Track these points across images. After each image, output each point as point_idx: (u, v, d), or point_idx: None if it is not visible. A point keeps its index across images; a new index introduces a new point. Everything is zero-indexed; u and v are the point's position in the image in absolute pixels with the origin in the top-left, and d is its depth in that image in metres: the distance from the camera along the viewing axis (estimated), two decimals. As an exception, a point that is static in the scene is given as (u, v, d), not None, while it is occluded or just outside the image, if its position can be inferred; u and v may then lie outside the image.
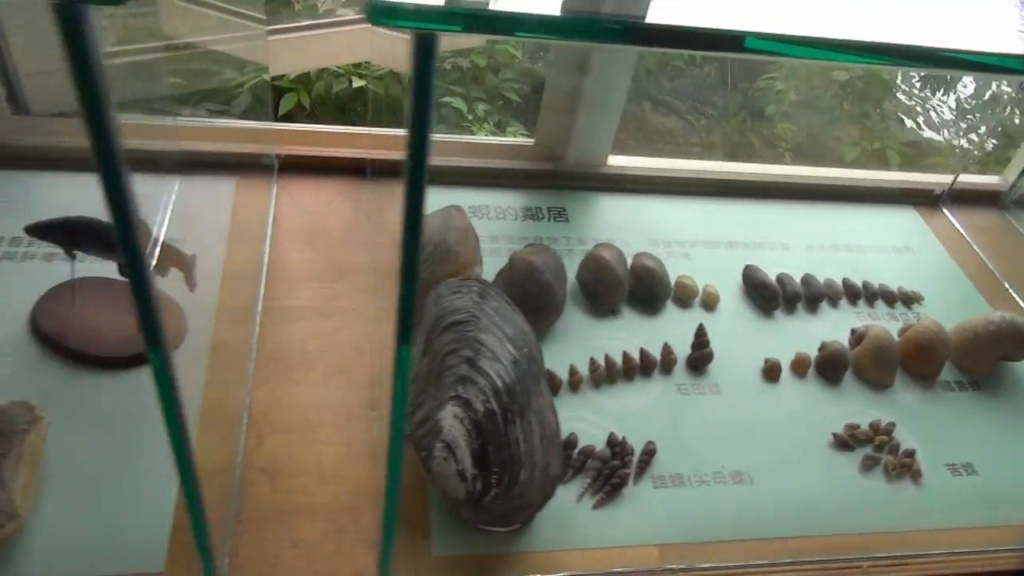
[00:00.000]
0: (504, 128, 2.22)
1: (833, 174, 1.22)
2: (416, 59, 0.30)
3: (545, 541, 0.70)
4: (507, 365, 0.71)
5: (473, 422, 0.67)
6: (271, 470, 0.71)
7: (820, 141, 3.13)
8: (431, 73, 0.32)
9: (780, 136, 3.25)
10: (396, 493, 0.57)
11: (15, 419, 0.65)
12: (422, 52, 0.30)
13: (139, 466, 0.68)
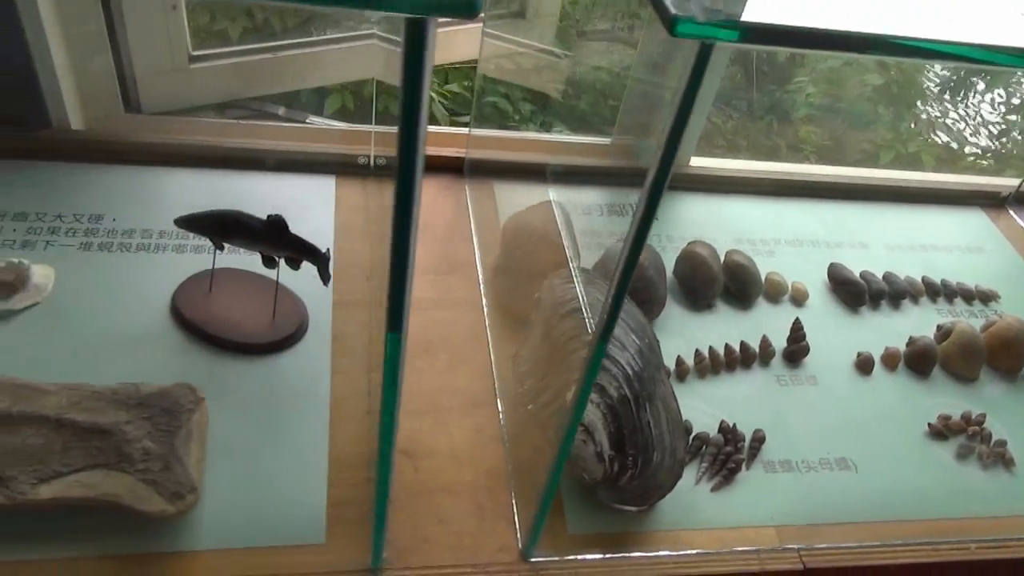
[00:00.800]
0: (549, 128, 2.26)
1: (903, 176, 1.25)
2: (695, 66, 0.34)
3: (670, 521, 0.73)
4: (634, 354, 0.75)
5: (608, 407, 0.71)
6: (411, 452, 0.74)
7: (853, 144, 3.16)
8: (700, 81, 0.35)
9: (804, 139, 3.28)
10: (559, 473, 0.61)
11: (181, 400, 0.69)
12: (700, 60, 0.34)
13: (287, 445, 0.72)
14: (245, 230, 0.77)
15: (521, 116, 2.19)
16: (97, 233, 0.88)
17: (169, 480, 0.63)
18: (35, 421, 0.64)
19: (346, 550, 0.66)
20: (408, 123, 0.36)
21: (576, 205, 1.08)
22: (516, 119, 2.17)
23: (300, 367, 0.79)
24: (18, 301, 0.78)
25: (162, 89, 1.05)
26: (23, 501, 0.60)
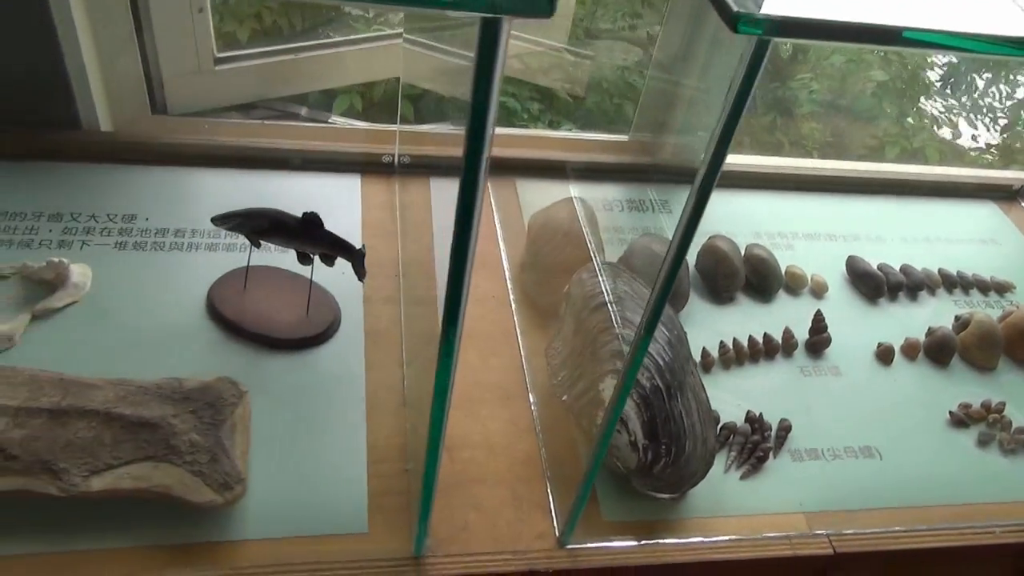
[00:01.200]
0: (557, 127, 2.27)
1: (916, 171, 1.27)
2: (751, 62, 0.36)
3: (701, 508, 0.75)
4: (664, 345, 0.77)
5: (642, 396, 0.72)
6: (447, 444, 0.75)
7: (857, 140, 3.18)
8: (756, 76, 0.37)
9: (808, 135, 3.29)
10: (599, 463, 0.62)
11: (224, 393, 0.70)
12: (757, 56, 0.35)
13: (326, 437, 0.74)
14: (281, 227, 0.78)
15: (529, 115, 2.20)
16: (131, 233, 0.89)
17: (216, 471, 0.65)
18: (85, 415, 0.66)
19: (388, 539, 0.67)
20: (477, 122, 0.38)
21: (597, 201, 1.10)
22: (524, 118, 2.18)
23: (335, 362, 0.81)
24: (58, 299, 0.79)
25: (188, 91, 1.07)
26: (76, 493, 0.62)
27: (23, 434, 0.63)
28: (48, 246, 0.86)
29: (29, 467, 0.62)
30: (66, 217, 0.89)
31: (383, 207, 1.01)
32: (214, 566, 0.63)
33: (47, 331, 0.78)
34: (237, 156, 1.01)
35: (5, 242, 0.85)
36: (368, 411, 0.77)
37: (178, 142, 1.00)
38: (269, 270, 0.87)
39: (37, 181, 0.93)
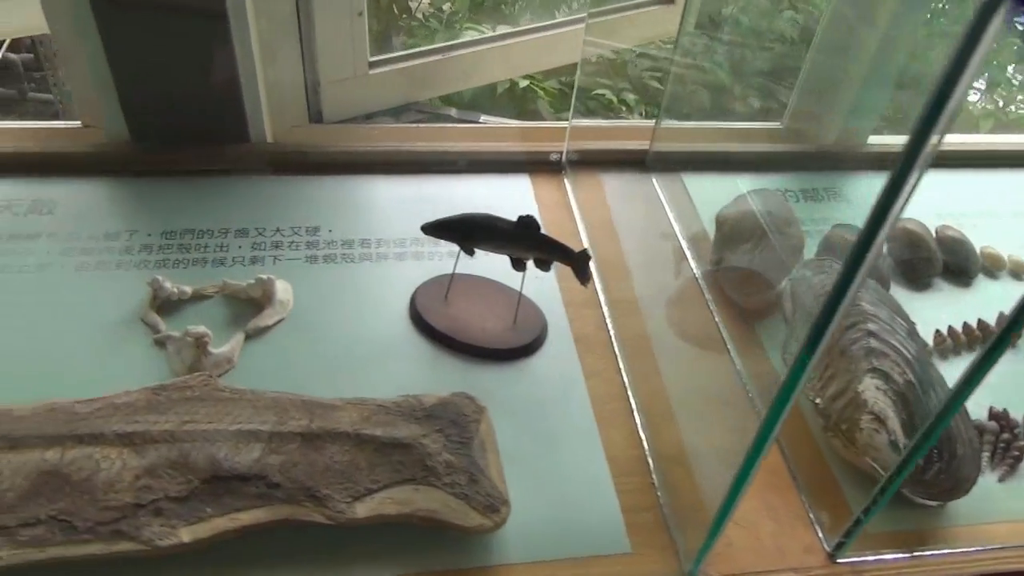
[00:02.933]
0: (651, 117, 2.22)
1: (1090, 142, 1.20)
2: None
3: (964, 515, 0.70)
4: (904, 337, 0.72)
5: (896, 393, 0.68)
6: (679, 458, 0.72)
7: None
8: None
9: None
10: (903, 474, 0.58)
11: (464, 410, 0.67)
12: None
13: (564, 451, 0.70)
14: (496, 232, 0.75)
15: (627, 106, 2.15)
16: (318, 245, 0.87)
17: (479, 493, 0.62)
18: (337, 438, 0.63)
19: (652, 558, 0.64)
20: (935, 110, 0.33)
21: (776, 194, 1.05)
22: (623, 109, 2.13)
23: (551, 371, 0.77)
24: (267, 317, 0.77)
25: (343, 96, 1.04)
26: (344, 520, 0.59)
27: (281, 460, 0.61)
28: (241, 263, 0.84)
29: (292, 495, 0.60)
30: (252, 232, 0.87)
31: (558, 207, 0.97)
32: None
33: (260, 350, 0.75)
34: (403, 161, 0.99)
35: (200, 260, 0.83)
36: (598, 422, 0.73)
37: (343, 149, 0.98)
38: (464, 277, 0.84)
39: (216, 196, 0.91)
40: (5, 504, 0.56)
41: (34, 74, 2.31)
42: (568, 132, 1.01)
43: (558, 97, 2.23)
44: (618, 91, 2.20)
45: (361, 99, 1.06)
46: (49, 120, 1.01)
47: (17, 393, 0.68)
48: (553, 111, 2.14)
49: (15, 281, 0.78)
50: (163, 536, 0.56)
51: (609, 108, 2.15)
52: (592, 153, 1.03)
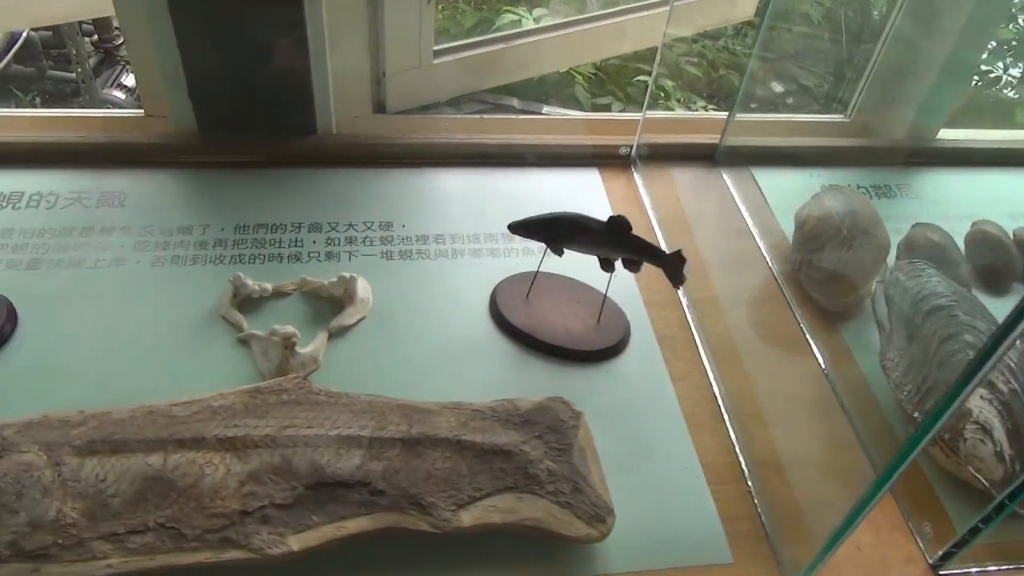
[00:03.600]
0: (688, 104, 2.19)
1: None
2: None
3: (1063, 526, 0.69)
4: (1009, 349, 0.70)
5: (1001, 403, 0.66)
6: (775, 464, 0.70)
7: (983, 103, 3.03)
8: None
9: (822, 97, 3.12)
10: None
11: (561, 415, 0.66)
12: None
13: (657, 457, 0.69)
14: (586, 233, 0.73)
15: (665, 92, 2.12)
16: (392, 241, 0.85)
17: (583, 502, 0.60)
18: (437, 444, 0.62)
19: (754, 570, 0.62)
20: None
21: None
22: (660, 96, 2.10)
23: (636, 373, 0.76)
24: (349, 316, 0.76)
25: (407, 86, 1.02)
26: (449, 529, 0.58)
27: (383, 466, 0.60)
28: (317, 259, 0.82)
29: (396, 502, 0.59)
30: (325, 227, 0.86)
31: (628, 202, 0.96)
32: (588, 603, 0.59)
33: (343, 349, 0.74)
34: (471, 153, 0.97)
35: (275, 256, 0.82)
36: (689, 427, 0.72)
37: (410, 141, 0.96)
38: (543, 276, 0.82)
39: (285, 189, 0.89)
40: (112, 511, 0.55)
41: (52, 51, 2.29)
42: (641, 125, 0.99)
43: (593, 82, 2.20)
44: (656, 77, 2.17)
45: (424, 89, 1.04)
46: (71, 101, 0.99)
47: (102, 391, 0.67)
48: (590, 96, 2.11)
49: (92, 276, 0.77)
50: (272, 544, 0.55)
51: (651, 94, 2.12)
52: (661, 147, 1.01)
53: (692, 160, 1.03)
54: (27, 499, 0.54)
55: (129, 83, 2.25)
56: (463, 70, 1.06)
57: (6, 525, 0.53)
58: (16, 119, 0.93)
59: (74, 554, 0.53)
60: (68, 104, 2.19)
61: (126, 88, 2.23)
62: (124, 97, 2.18)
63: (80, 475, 0.56)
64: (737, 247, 0.92)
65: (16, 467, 0.55)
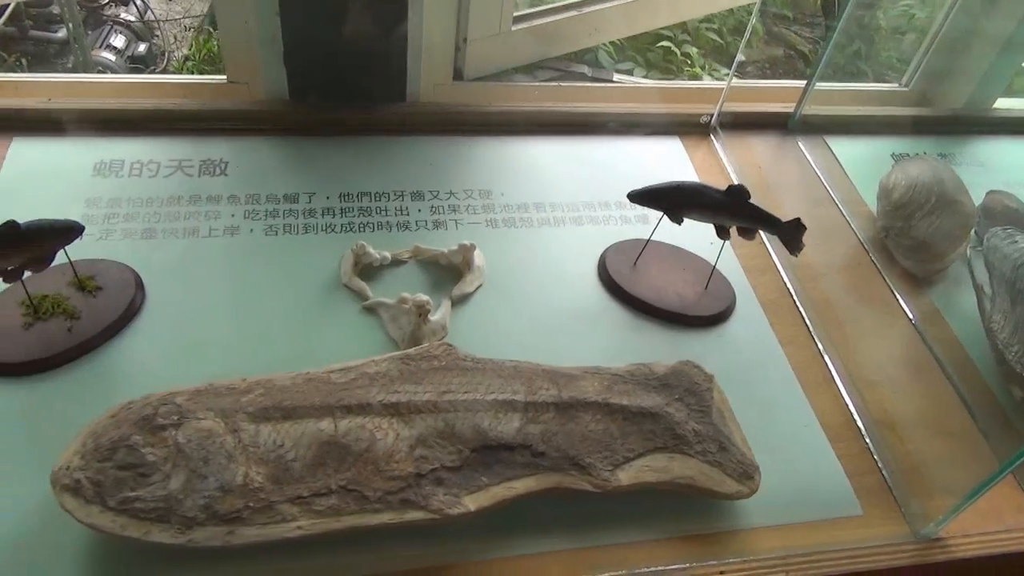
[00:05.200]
0: (709, 70, 2.20)
1: None
2: None
3: None
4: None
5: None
6: (888, 423, 0.74)
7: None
8: None
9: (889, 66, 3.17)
10: None
11: (695, 379, 0.68)
12: None
13: (779, 418, 0.72)
14: (704, 201, 0.75)
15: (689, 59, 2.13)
16: (494, 209, 0.86)
17: (730, 460, 0.63)
18: (588, 407, 0.64)
19: (882, 520, 0.66)
20: None
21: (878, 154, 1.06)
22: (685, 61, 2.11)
23: (746, 337, 0.79)
24: (469, 283, 0.77)
25: (485, 53, 1.02)
26: (610, 488, 0.60)
27: (540, 429, 0.62)
28: (425, 227, 0.83)
29: (558, 463, 0.61)
30: (427, 195, 0.86)
31: (712, 170, 0.97)
32: (734, 554, 0.62)
33: (464, 316, 0.75)
34: (555, 121, 0.97)
35: (384, 224, 0.82)
36: (803, 388, 0.75)
37: (496, 110, 0.96)
38: (665, 246, 0.84)
39: (379, 156, 0.89)
40: (294, 475, 0.56)
41: (32, 11, 2.22)
42: (725, 93, 1.00)
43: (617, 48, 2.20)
44: (679, 43, 2.17)
45: (501, 56, 1.04)
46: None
47: (234, 360, 0.68)
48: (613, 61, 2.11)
49: (209, 245, 0.77)
50: (451, 505, 0.57)
51: (671, 60, 2.13)
52: (737, 115, 1.02)
53: (766, 128, 1.05)
54: (214, 464, 0.55)
55: (118, 44, 2.17)
56: (537, 37, 1.06)
57: (198, 490, 0.54)
58: (97, 85, 0.91)
59: (265, 517, 0.54)
60: (53, 66, 2.11)
61: (116, 49, 2.16)
62: (114, 59, 2.11)
63: (258, 440, 0.57)
64: (822, 214, 0.95)
65: (198, 434, 0.56)
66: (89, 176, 0.81)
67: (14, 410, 0.62)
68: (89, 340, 0.66)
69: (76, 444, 0.55)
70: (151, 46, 2.26)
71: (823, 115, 1.05)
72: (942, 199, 0.87)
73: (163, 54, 2.33)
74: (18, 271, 0.63)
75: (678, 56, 2.12)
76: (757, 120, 1.04)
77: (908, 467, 0.70)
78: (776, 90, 1.09)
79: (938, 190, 0.88)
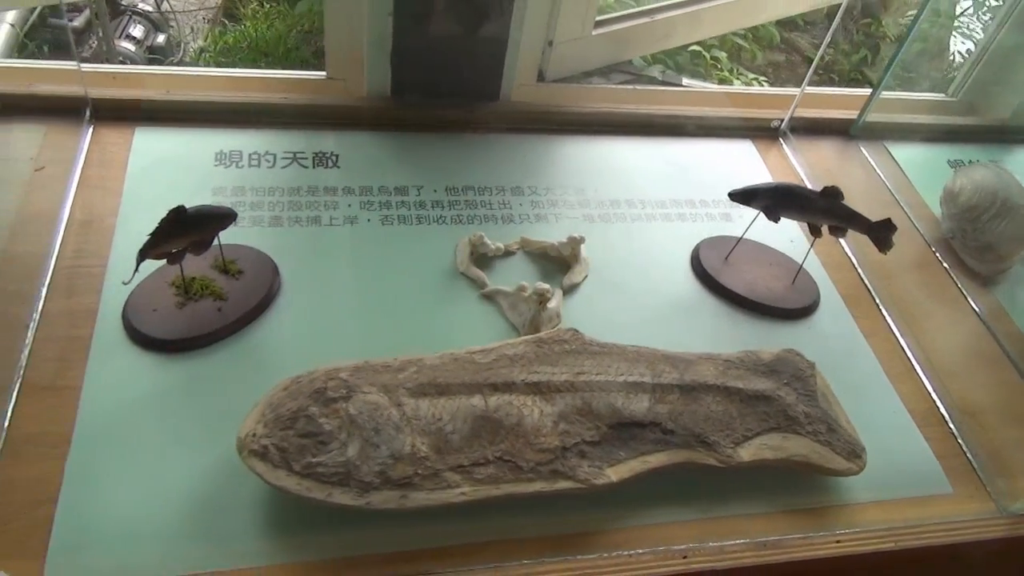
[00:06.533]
0: (735, 76, 2.26)
1: None
2: None
3: None
4: None
5: None
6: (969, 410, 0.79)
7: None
8: None
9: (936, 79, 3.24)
10: None
11: (799, 365, 0.74)
12: None
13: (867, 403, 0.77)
14: (801, 200, 0.80)
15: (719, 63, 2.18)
16: (589, 205, 0.91)
17: (839, 440, 0.69)
18: (708, 390, 0.69)
19: (970, 498, 0.72)
20: None
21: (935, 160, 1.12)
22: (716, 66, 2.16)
23: (832, 330, 0.84)
24: (577, 274, 0.82)
25: (566, 56, 1.07)
26: (733, 463, 0.66)
27: (668, 409, 0.67)
28: (528, 220, 0.88)
29: (686, 440, 0.66)
30: (526, 190, 0.91)
31: (785, 172, 1.02)
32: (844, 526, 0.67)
33: (573, 304, 0.80)
34: (636, 123, 1.02)
35: (490, 217, 0.87)
36: (888, 377, 0.80)
37: (583, 110, 1.01)
38: (757, 245, 0.89)
39: (478, 152, 0.94)
40: (454, 446, 0.61)
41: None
42: (798, 99, 1.05)
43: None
44: (708, 47, 2.22)
45: (581, 59, 1.09)
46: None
47: (365, 342, 0.73)
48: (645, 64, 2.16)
49: (331, 234, 0.81)
50: (595, 476, 0.62)
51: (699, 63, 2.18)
52: (804, 120, 1.08)
53: (829, 134, 1.10)
54: (384, 435, 0.60)
55: (137, 34, 2.19)
56: (613, 42, 1.11)
57: (372, 457, 0.58)
58: (209, 79, 0.95)
59: (432, 483, 0.59)
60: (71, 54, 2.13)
61: (135, 39, 2.17)
62: (133, 49, 2.13)
63: (419, 414, 0.62)
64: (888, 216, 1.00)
65: (367, 406, 0.61)
66: (211, 165, 0.85)
67: (179, 383, 0.66)
68: (238, 320, 0.71)
69: (256, 414, 0.60)
70: (169, 37, 2.28)
71: (883, 122, 1.11)
72: (1006, 204, 0.93)
73: (179, 45, 2.35)
74: (181, 254, 0.67)
75: (707, 60, 2.18)
76: (821, 126, 1.10)
77: (990, 451, 0.76)
78: (837, 97, 1.14)
79: (1003, 195, 0.94)
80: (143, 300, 0.70)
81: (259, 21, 2.60)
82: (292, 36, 2.61)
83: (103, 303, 0.70)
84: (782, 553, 0.63)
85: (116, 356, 0.67)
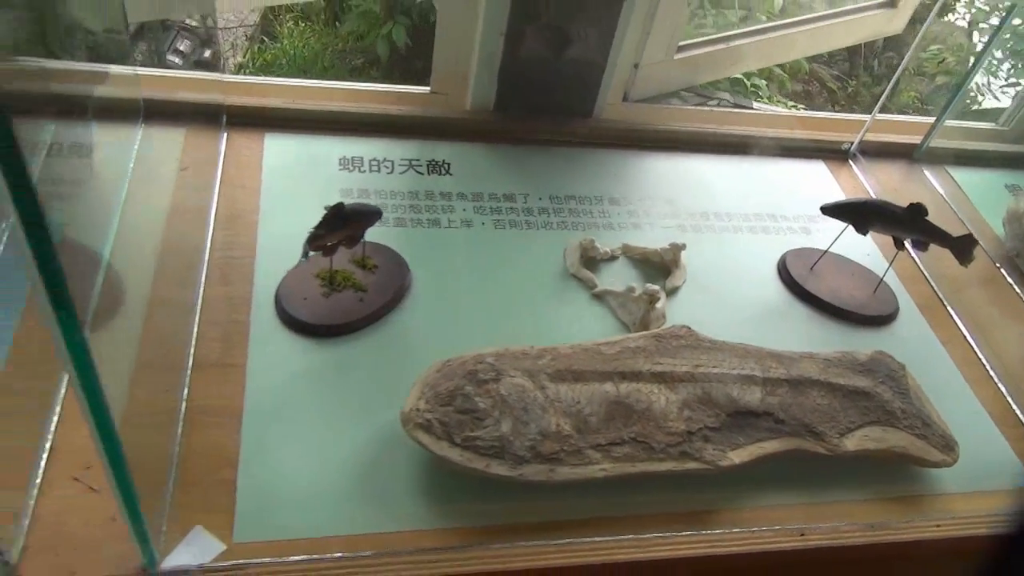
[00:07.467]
0: (774, 102, 2.34)
1: None
2: None
3: None
4: None
5: None
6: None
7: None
8: None
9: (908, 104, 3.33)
10: None
11: (890, 365, 0.79)
12: None
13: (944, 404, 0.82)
14: (887, 215, 0.86)
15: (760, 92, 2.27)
16: (679, 215, 0.98)
17: (934, 434, 0.74)
18: (814, 384, 0.75)
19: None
20: None
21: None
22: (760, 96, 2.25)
23: (910, 336, 0.90)
24: (677, 278, 0.88)
25: (649, 77, 1.14)
26: (840, 452, 0.71)
27: (778, 401, 0.73)
28: (625, 228, 0.94)
29: (796, 430, 0.71)
30: (622, 200, 0.97)
31: (855, 192, 1.09)
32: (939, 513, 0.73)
33: (675, 307, 0.86)
34: (715, 142, 1.09)
35: (592, 224, 0.93)
36: (967, 382, 0.86)
37: (664, 128, 1.08)
38: (840, 258, 0.95)
39: (576, 165, 1.01)
40: (592, 427, 0.67)
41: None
42: (868, 124, 1.12)
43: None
44: (748, 76, 2.31)
45: (661, 81, 1.16)
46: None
47: (487, 334, 0.78)
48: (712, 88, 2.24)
49: (450, 235, 0.88)
50: (720, 458, 0.68)
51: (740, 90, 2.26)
52: (870, 144, 1.14)
53: (894, 157, 1.17)
54: (532, 414, 0.65)
55: (184, 48, 2.27)
56: (690, 66, 1.18)
57: (523, 434, 0.64)
58: (327, 90, 1.01)
59: (576, 459, 0.65)
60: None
61: (182, 53, 2.26)
62: (180, 62, 2.20)
63: (560, 397, 0.67)
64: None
65: (515, 388, 0.66)
66: (336, 170, 0.92)
67: (331, 364, 0.72)
68: (377, 310, 0.77)
69: (416, 392, 0.66)
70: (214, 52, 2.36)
71: (943, 147, 1.18)
72: (1066, 224, 1.00)
73: (221, 60, 2.44)
74: (336, 247, 0.73)
75: (747, 87, 2.26)
76: (886, 149, 1.16)
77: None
78: (900, 123, 1.21)
79: (1063, 216, 1.00)
80: (293, 290, 0.76)
81: (295, 39, 2.69)
82: (327, 55, 2.70)
83: (255, 291, 0.76)
84: (889, 534, 0.69)
85: (273, 339, 0.73)
